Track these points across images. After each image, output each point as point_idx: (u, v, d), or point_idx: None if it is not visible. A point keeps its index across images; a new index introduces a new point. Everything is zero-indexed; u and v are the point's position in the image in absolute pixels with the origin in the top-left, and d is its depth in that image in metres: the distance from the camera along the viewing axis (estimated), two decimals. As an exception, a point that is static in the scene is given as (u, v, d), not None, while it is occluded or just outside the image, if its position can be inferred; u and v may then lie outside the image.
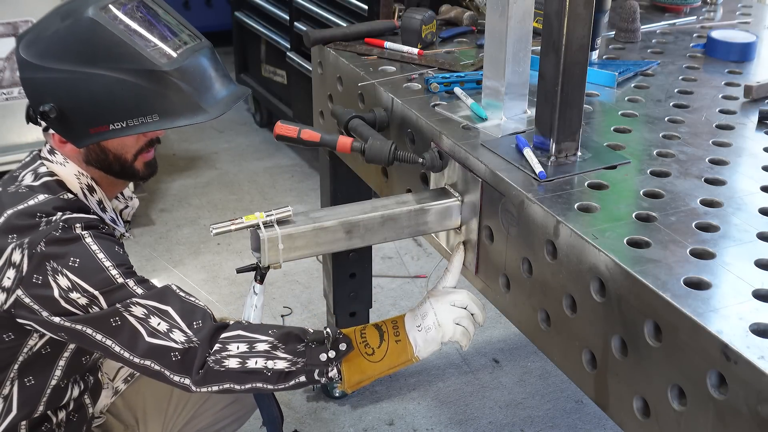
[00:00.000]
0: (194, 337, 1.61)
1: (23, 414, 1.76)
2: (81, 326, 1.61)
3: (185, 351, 1.60)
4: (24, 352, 1.72)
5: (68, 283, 1.59)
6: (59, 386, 1.79)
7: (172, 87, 1.66)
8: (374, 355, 1.66)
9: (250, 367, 1.61)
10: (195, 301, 1.67)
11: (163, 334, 1.60)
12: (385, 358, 1.66)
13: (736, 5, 2.80)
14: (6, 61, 3.57)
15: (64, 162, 1.75)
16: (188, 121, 1.69)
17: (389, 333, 1.67)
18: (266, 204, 4.11)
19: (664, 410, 1.28)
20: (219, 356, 1.61)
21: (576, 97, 1.63)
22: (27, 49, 1.68)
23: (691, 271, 1.32)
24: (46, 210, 1.65)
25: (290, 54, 4.03)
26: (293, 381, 1.64)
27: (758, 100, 2.01)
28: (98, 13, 1.65)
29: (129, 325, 1.60)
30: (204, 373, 1.61)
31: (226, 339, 1.63)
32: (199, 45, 1.76)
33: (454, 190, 1.78)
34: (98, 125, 1.66)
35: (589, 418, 2.84)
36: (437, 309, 1.67)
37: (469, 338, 1.69)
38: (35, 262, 1.60)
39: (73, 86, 1.64)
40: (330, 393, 2.87)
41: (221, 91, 1.74)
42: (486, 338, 3.23)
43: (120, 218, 1.88)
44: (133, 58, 1.64)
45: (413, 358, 1.67)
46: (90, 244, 1.63)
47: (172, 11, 1.83)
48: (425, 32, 2.26)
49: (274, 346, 1.63)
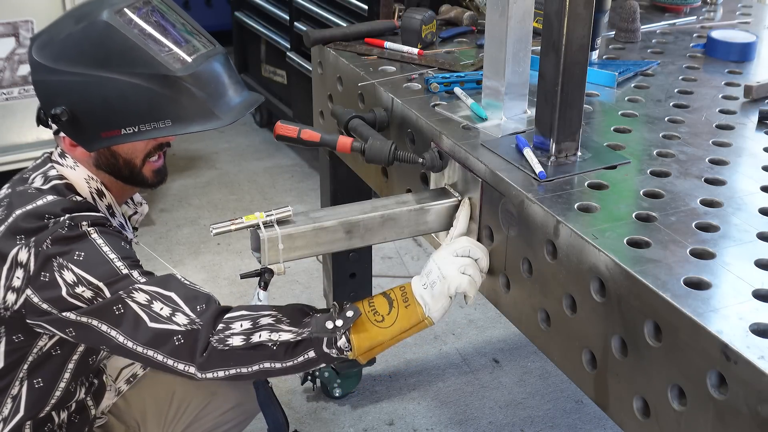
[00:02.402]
0: (197, 318, 1.59)
1: (30, 415, 1.75)
2: (87, 318, 1.61)
3: (188, 333, 1.59)
4: (33, 353, 1.71)
5: (73, 277, 1.59)
6: (68, 389, 1.79)
7: (186, 93, 1.65)
8: (384, 321, 1.60)
9: (255, 341, 1.58)
10: (199, 288, 1.66)
11: (166, 318, 1.59)
12: (396, 323, 1.60)
13: (736, 5, 2.80)
14: (6, 61, 3.56)
15: (74, 165, 1.74)
16: (201, 127, 1.68)
17: (398, 300, 1.61)
18: (266, 204, 4.11)
19: (664, 410, 1.28)
20: (223, 335, 1.59)
21: (576, 97, 1.63)
22: (40, 51, 1.68)
23: (691, 271, 1.32)
24: (54, 211, 1.65)
25: (290, 54, 4.03)
26: (302, 357, 1.59)
27: (758, 100, 2.00)
28: (113, 16, 1.65)
29: (131, 311, 1.60)
30: (208, 356, 1.59)
31: (230, 318, 1.61)
32: (213, 51, 1.75)
33: (454, 190, 1.78)
34: (110, 129, 1.66)
35: (589, 418, 2.84)
36: (439, 262, 1.61)
37: (476, 287, 1.63)
38: (41, 261, 1.60)
39: (86, 90, 1.64)
40: (330, 393, 2.87)
41: (234, 97, 1.74)
42: (486, 338, 3.23)
43: (129, 224, 1.88)
44: (148, 63, 1.63)
45: (425, 320, 1.60)
46: (95, 239, 1.63)
47: (186, 15, 1.82)
48: (425, 32, 2.26)
49: (278, 319, 1.60)
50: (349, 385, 2.89)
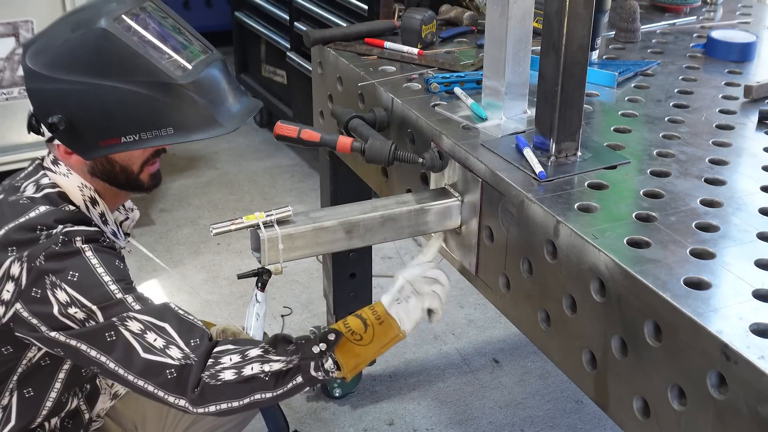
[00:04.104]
0: (191, 354, 1.57)
1: (22, 424, 1.74)
2: (75, 342, 1.58)
3: (181, 368, 1.56)
4: (23, 364, 1.70)
5: (66, 297, 1.57)
6: (60, 400, 1.78)
7: (187, 100, 1.63)
8: (362, 340, 1.65)
9: (247, 374, 1.57)
10: (193, 320, 1.64)
11: (159, 350, 1.57)
12: (374, 341, 1.66)
13: (736, 5, 2.80)
14: (6, 61, 3.57)
15: (67, 173, 1.72)
16: (203, 135, 1.66)
17: (371, 319, 1.67)
18: (266, 204, 4.11)
19: (664, 410, 1.28)
20: (213, 370, 1.57)
21: (576, 97, 1.63)
22: (34, 58, 1.65)
23: (691, 271, 1.32)
24: (46, 222, 1.62)
25: (290, 54, 4.03)
26: (291, 383, 1.60)
27: (758, 100, 2.01)
28: (111, 23, 1.62)
29: (124, 340, 1.57)
30: (200, 391, 1.57)
31: (219, 353, 1.59)
32: (212, 57, 1.73)
33: (454, 190, 1.78)
34: (109, 138, 1.64)
35: (589, 418, 2.84)
36: (411, 280, 1.68)
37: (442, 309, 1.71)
38: (34, 276, 1.57)
39: (84, 98, 1.61)
40: (330, 393, 2.87)
41: (235, 104, 1.72)
42: (486, 338, 3.23)
43: (121, 230, 1.87)
44: (148, 71, 1.61)
45: (400, 334, 1.67)
46: (90, 258, 1.60)
47: (182, 21, 1.80)
48: (425, 32, 2.26)
49: (266, 350, 1.60)
50: (349, 385, 2.89)
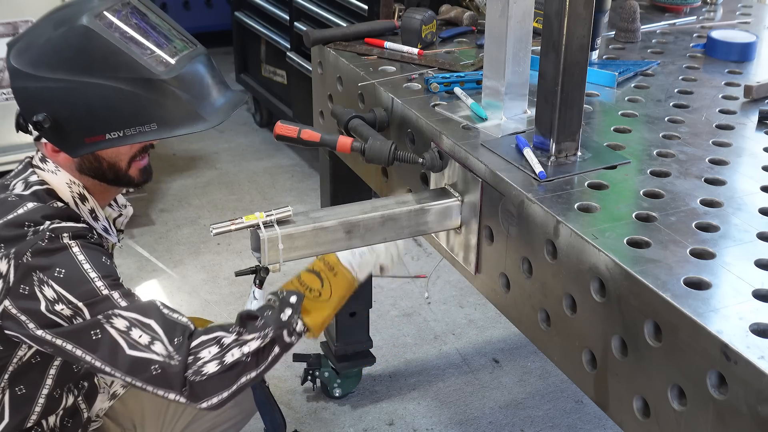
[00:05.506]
0: (175, 353, 1.57)
1: (16, 422, 1.74)
2: (61, 341, 1.59)
3: (165, 366, 1.57)
4: (14, 363, 1.70)
5: (53, 294, 1.57)
6: (53, 396, 1.78)
7: (171, 96, 1.64)
8: (321, 296, 1.68)
9: (229, 362, 1.58)
10: (178, 318, 1.63)
11: (144, 346, 1.57)
12: (333, 294, 1.68)
13: (736, 5, 2.80)
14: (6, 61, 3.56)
15: (55, 170, 1.72)
16: (187, 130, 1.67)
17: (324, 270, 1.70)
18: (266, 204, 4.11)
19: (664, 410, 1.28)
20: (196, 367, 1.57)
21: (576, 97, 1.63)
22: (18, 57, 1.65)
23: (691, 271, 1.32)
24: (34, 219, 1.62)
25: (290, 54, 4.03)
26: (270, 356, 1.61)
27: (758, 100, 2.01)
28: (93, 20, 1.62)
29: (109, 337, 1.57)
30: (190, 389, 1.58)
31: (195, 348, 1.59)
32: (195, 52, 1.73)
33: (454, 190, 1.78)
34: (94, 135, 1.64)
35: (589, 418, 2.84)
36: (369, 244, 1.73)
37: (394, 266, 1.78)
38: (21, 273, 1.57)
39: (68, 96, 1.62)
40: (330, 393, 2.87)
41: (219, 98, 1.72)
42: (486, 338, 3.23)
43: (113, 227, 1.87)
44: (130, 67, 1.61)
45: (355, 282, 1.71)
46: (77, 254, 1.60)
47: (165, 15, 1.80)
48: (425, 32, 2.26)
49: (238, 332, 1.60)
50: (349, 385, 2.89)
